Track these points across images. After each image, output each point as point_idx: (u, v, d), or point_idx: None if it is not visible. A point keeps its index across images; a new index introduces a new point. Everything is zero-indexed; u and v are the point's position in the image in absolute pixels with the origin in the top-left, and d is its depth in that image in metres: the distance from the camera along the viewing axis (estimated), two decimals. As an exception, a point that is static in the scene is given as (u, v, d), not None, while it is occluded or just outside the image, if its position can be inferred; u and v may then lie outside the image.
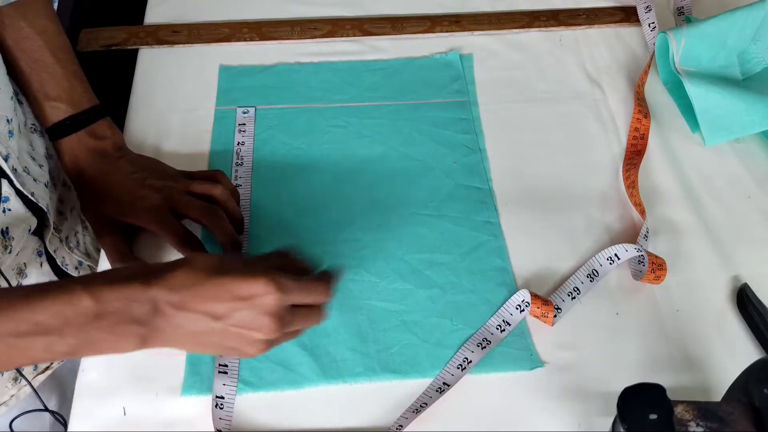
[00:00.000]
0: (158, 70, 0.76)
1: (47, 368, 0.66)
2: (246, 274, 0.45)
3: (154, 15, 0.81)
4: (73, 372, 0.58)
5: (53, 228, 0.62)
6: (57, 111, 0.61)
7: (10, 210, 0.55)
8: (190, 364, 0.56)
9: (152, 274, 0.44)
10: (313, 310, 0.49)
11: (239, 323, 0.45)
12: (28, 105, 0.63)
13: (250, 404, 0.54)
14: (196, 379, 0.55)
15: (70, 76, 0.62)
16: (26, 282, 0.60)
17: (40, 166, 0.62)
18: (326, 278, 0.50)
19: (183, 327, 0.45)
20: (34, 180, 0.59)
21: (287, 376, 0.55)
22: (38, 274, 0.62)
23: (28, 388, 0.63)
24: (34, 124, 0.64)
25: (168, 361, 0.56)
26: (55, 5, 0.98)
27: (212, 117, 0.72)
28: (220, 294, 0.44)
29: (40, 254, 0.62)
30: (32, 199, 0.57)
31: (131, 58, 0.77)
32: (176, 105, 0.73)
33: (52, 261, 0.64)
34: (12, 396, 0.62)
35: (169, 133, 0.70)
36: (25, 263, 0.60)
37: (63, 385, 0.69)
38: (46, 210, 0.59)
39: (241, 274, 0.45)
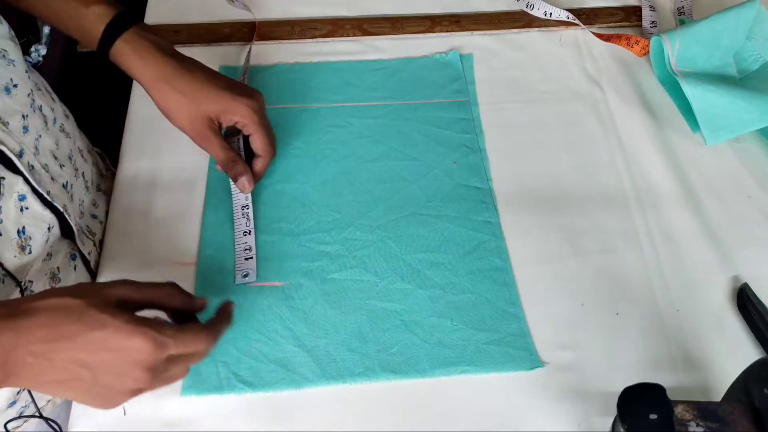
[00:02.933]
0: (158, 70, 0.76)
1: None
2: (123, 327, 0.43)
3: (154, 15, 0.81)
4: None
5: (87, 231, 0.62)
6: (103, 12, 0.59)
7: (27, 209, 0.54)
8: (190, 364, 0.56)
9: (14, 316, 0.43)
10: (192, 357, 0.48)
11: (110, 372, 0.44)
12: (58, 100, 0.63)
13: (250, 404, 0.54)
14: (195, 380, 0.55)
15: None
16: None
17: (61, 166, 0.61)
18: (213, 323, 0.49)
19: (44, 374, 0.43)
20: (52, 179, 0.58)
21: (287, 376, 0.55)
22: (74, 279, 0.61)
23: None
24: (62, 125, 0.63)
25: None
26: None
27: (212, 117, 0.72)
28: (91, 346, 0.43)
29: (73, 257, 0.61)
30: (47, 198, 0.56)
31: (131, 58, 0.77)
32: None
33: (87, 265, 0.63)
34: (18, 394, 0.62)
35: (169, 133, 0.70)
36: (58, 267, 0.59)
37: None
38: (63, 210, 0.58)
39: (117, 327, 0.43)
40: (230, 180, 0.63)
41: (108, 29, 0.59)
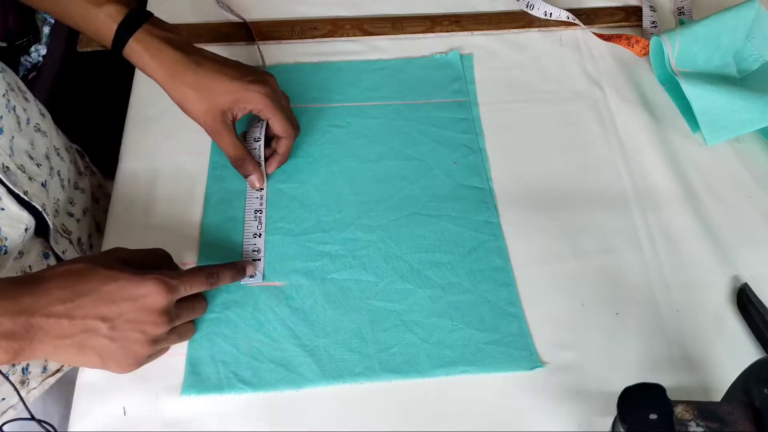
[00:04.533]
0: (158, 70, 0.76)
1: (57, 371, 0.66)
2: (133, 277, 0.47)
3: (154, 15, 0.81)
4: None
5: (62, 230, 0.62)
6: (115, 12, 0.60)
7: (2, 209, 0.55)
8: (190, 364, 0.56)
9: (29, 283, 0.45)
10: (197, 301, 0.54)
11: (129, 320, 0.47)
12: (32, 100, 0.63)
13: (250, 404, 0.54)
14: (196, 379, 0.55)
15: None
16: None
17: (38, 165, 0.61)
18: (206, 268, 0.54)
19: (66, 335, 0.45)
20: (30, 179, 0.58)
21: (287, 376, 0.55)
22: None
23: (36, 392, 0.63)
24: (38, 124, 0.63)
25: (168, 361, 0.56)
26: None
27: (212, 117, 0.71)
28: (109, 298, 0.46)
29: (46, 256, 0.62)
30: (25, 198, 0.56)
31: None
32: (176, 105, 0.72)
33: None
34: (18, 401, 0.62)
35: (170, 133, 0.70)
36: (30, 266, 0.59)
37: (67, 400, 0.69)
38: (41, 210, 0.58)
39: (128, 278, 0.47)
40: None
41: (120, 29, 0.60)
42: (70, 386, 0.59)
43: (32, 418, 0.52)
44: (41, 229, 0.60)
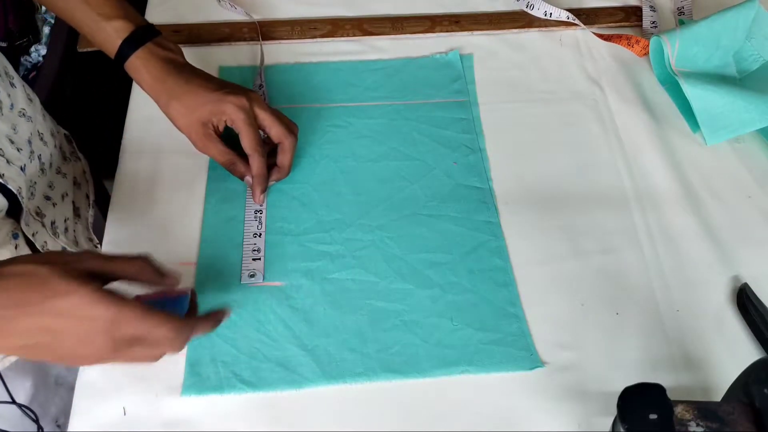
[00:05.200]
0: (158, 70, 0.76)
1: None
2: (90, 294, 0.44)
3: (154, 15, 0.81)
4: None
5: (35, 213, 0.62)
6: (122, 28, 0.63)
7: None
8: (190, 364, 0.56)
9: None
10: (159, 344, 0.47)
11: (73, 338, 0.44)
12: (20, 85, 0.64)
13: (250, 404, 0.54)
14: (195, 380, 0.55)
15: None
16: None
17: (19, 149, 0.61)
18: (192, 318, 0.50)
19: (7, 339, 0.44)
20: (8, 162, 0.59)
21: (287, 376, 0.55)
22: (11, 256, 0.60)
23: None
24: (23, 109, 0.64)
25: (168, 361, 0.56)
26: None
27: (212, 117, 0.72)
28: (54, 312, 0.43)
29: (15, 236, 0.62)
30: (1, 180, 0.57)
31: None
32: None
33: (31, 245, 0.63)
34: None
35: (170, 133, 0.70)
36: None
37: (37, 373, 0.68)
38: (17, 193, 0.59)
39: (83, 295, 0.43)
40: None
41: (124, 45, 0.63)
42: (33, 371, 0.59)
43: (12, 401, 0.52)
44: (14, 211, 0.60)
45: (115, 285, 0.47)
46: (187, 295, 0.51)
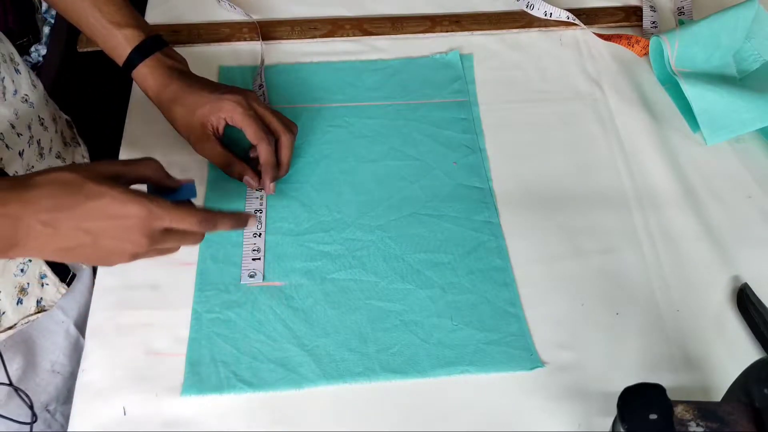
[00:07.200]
0: (158, 70, 0.76)
1: (10, 327, 0.64)
2: (120, 196, 0.47)
3: (154, 15, 0.81)
4: (42, 333, 0.61)
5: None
6: (132, 36, 0.65)
7: None
8: (190, 364, 0.56)
9: (18, 188, 0.46)
10: (186, 235, 0.51)
11: (111, 237, 0.47)
12: (24, 71, 0.66)
13: (250, 404, 0.54)
14: (196, 379, 0.55)
15: (129, 6, 0.66)
16: None
17: (19, 134, 0.62)
18: (215, 212, 0.52)
19: (52, 242, 0.46)
20: (7, 147, 0.60)
21: (287, 376, 0.55)
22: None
23: None
24: (26, 95, 0.65)
25: (168, 361, 0.56)
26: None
27: (212, 117, 0.72)
28: (93, 214, 0.46)
29: None
30: None
31: (131, 58, 0.77)
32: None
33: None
34: None
35: (170, 132, 0.70)
36: None
37: (28, 347, 0.68)
38: (13, 176, 0.60)
39: (114, 196, 0.47)
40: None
41: (133, 53, 0.65)
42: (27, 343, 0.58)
43: (10, 384, 0.52)
44: None
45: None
46: (191, 182, 0.54)
